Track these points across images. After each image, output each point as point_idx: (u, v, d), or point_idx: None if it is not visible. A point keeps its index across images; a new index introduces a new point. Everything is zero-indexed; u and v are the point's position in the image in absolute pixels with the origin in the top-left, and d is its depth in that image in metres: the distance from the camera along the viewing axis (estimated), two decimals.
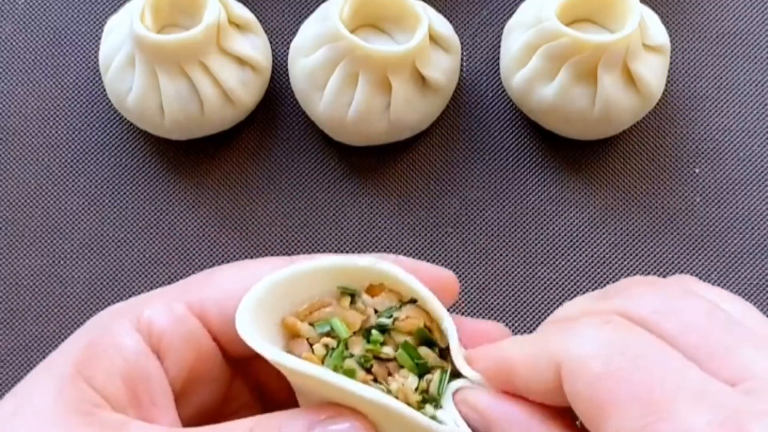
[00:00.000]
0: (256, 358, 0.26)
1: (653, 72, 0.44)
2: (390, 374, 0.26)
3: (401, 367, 0.26)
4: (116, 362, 0.26)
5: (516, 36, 0.46)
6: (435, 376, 0.26)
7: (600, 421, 0.23)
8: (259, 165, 0.48)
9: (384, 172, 0.48)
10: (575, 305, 0.27)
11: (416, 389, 0.26)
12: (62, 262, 0.47)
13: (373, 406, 0.24)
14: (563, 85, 0.43)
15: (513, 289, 0.46)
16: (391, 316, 0.26)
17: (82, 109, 0.49)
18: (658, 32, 0.45)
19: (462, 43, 0.48)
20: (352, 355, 0.26)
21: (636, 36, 0.43)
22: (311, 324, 0.26)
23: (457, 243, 0.47)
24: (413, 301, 0.27)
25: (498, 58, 0.48)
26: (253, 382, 0.31)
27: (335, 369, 0.25)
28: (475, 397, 0.26)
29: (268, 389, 0.31)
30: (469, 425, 0.26)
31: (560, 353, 0.24)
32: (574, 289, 0.46)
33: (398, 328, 0.26)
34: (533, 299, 0.46)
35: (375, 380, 0.26)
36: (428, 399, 0.26)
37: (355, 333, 0.26)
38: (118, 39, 0.45)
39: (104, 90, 0.47)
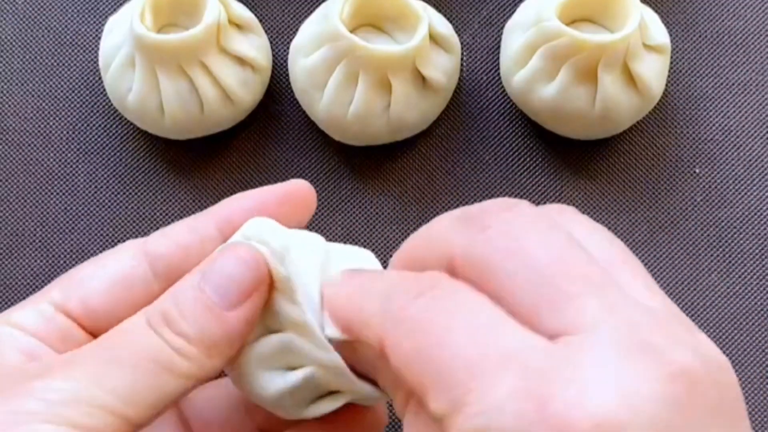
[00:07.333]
0: None
1: (653, 72, 0.44)
2: None
3: None
4: None
5: (516, 36, 0.46)
6: None
7: (423, 403, 0.22)
8: (259, 165, 0.48)
9: (384, 172, 0.48)
10: (428, 239, 0.26)
11: None
12: (62, 262, 0.47)
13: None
14: (563, 85, 0.43)
15: None
16: None
17: (82, 109, 0.49)
18: (658, 32, 0.45)
19: (462, 43, 0.48)
20: None
21: (636, 36, 0.43)
22: None
23: None
24: None
25: (498, 58, 0.48)
26: None
27: None
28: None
29: None
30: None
31: (380, 329, 0.23)
32: None
33: None
34: None
35: None
36: None
37: None
38: (118, 39, 0.45)
39: (104, 90, 0.47)
